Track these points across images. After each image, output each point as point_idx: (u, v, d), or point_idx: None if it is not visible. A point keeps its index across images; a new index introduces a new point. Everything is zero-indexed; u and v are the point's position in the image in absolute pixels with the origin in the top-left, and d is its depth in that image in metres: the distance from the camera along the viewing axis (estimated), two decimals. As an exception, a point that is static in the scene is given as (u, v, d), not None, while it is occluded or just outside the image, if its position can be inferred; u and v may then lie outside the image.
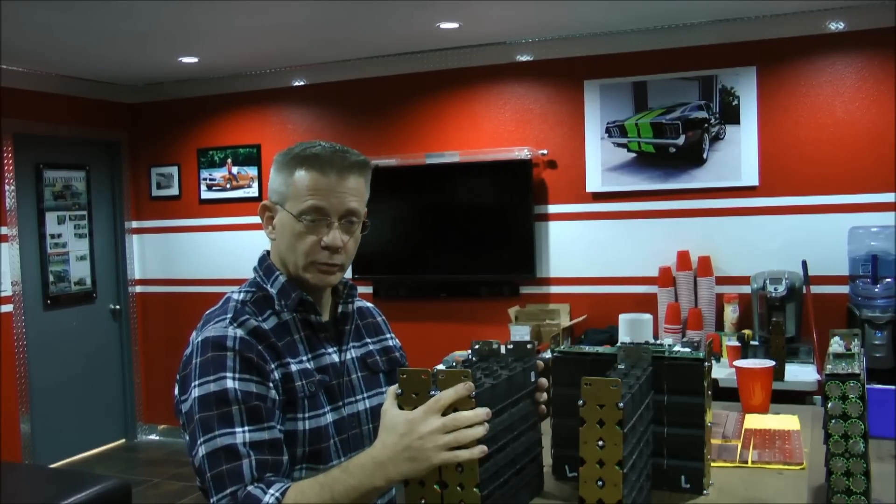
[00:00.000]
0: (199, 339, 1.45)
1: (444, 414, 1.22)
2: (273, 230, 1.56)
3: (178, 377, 1.48)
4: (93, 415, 5.78)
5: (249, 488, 1.32)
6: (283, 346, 1.48)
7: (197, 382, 1.40)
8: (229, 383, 1.39)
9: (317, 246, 1.49)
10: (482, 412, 1.22)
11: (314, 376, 1.50)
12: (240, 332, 1.43)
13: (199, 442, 1.38)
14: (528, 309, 4.74)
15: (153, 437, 6.11)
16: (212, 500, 1.35)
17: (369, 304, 1.77)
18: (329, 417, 1.51)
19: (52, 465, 5.28)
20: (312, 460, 1.46)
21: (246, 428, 1.37)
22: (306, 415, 1.47)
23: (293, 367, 1.48)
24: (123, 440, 6.04)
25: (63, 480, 3.74)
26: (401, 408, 1.26)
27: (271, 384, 1.43)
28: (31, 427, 5.25)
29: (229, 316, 1.47)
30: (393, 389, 1.28)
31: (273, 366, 1.45)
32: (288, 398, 1.45)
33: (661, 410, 1.47)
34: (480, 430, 1.21)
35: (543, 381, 1.51)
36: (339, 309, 1.61)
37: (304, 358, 1.51)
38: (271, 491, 1.31)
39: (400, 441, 1.23)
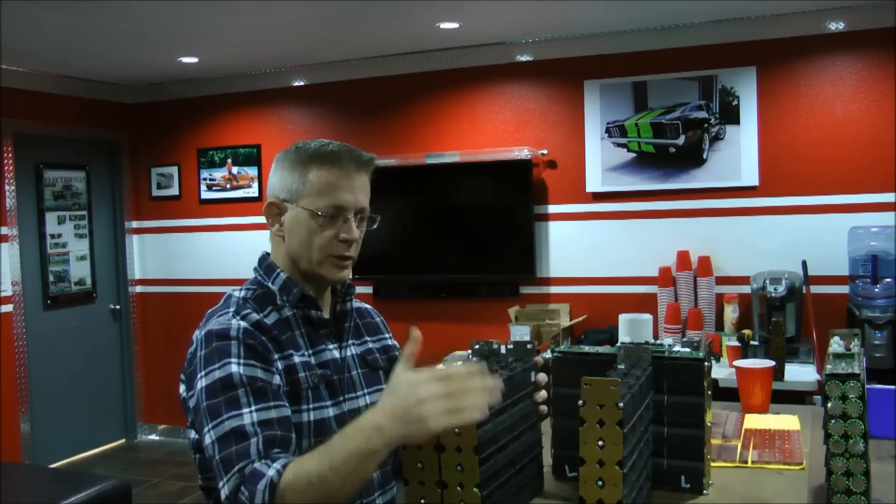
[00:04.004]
0: (203, 332, 1.46)
1: None
2: (280, 228, 1.56)
3: (182, 376, 1.49)
4: (93, 415, 5.78)
5: (255, 464, 1.31)
6: (285, 340, 1.50)
7: (203, 373, 1.41)
8: (234, 368, 1.40)
9: (333, 240, 1.52)
10: (483, 381, 1.22)
11: (316, 369, 1.51)
12: (243, 324, 1.45)
13: (207, 428, 1.37)
14: (528, 309, 4.74)
15: (153, 437, 6.11)
16: (220, 484, 1.34)
17: (367, 305, 1.78)
18: (331, 412, 1.52)
19: (52, 465, 5.28)
20: None
21: (253, 407, 1.37)
22: (310, 406, 1.48)
23: (296, 359, 1.49)
24: (123, 440, 6.04)
25: (63, 480, 3.74)
26: None
27: (275, 370, 1.44)
28: (31, 427, 5.25)
29: (232, 310, 1.49)
30: (408, 349, 1.27)
31: (276, 356, 1.46)
32: (292, 389, 1.46)
33: (661, 410, 1.47)
34: (481, 397, 1.21)
35: (542, 376, 1.51)
36: (338, 307, 1.63)
37: (306, 352, 1.52)
38: (275, 465, 1.30)
39: (400, 404, 1.21)
